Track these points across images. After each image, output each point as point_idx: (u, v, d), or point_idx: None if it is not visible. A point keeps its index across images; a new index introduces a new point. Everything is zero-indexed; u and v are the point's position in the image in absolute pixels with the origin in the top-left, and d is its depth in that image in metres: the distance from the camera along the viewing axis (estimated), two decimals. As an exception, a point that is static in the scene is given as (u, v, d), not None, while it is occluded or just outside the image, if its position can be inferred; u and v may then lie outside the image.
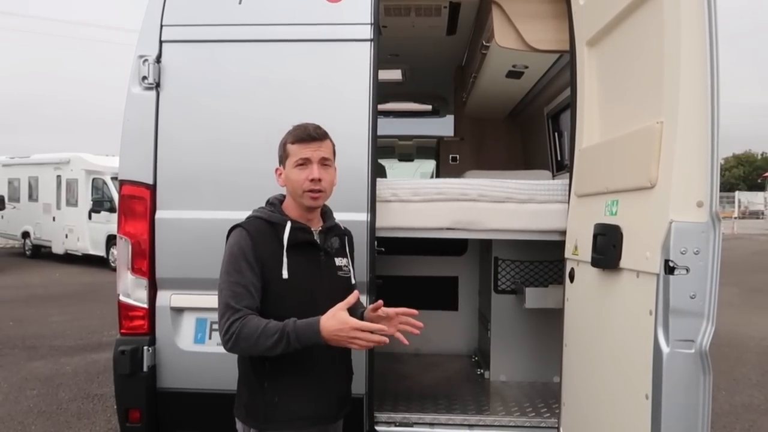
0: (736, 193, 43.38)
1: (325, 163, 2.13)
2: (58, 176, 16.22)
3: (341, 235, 2.31)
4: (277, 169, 2.20)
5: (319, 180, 2.09)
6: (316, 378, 2.12)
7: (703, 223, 1.77)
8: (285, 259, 2.08)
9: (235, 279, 2.02)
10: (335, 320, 1.89)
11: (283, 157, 2.15)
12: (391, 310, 2.10)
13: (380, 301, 2.12)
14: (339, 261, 2.26)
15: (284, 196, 2.25)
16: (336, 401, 2.21)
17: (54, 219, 16.45)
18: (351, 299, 1.97)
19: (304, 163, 2.10)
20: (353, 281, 2.32)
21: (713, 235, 1.77)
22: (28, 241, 17.85)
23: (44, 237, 17.05)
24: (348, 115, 2.77)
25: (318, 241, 2.19)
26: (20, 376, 6.06)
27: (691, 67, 1.77)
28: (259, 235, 2.08)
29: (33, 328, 8.24)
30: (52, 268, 15.02)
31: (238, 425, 2.17)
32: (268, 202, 2.23)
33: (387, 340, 1.93)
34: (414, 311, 2.13)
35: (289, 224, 2.12)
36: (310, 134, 2.11)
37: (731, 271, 12.97)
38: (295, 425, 2.09)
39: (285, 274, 2.07)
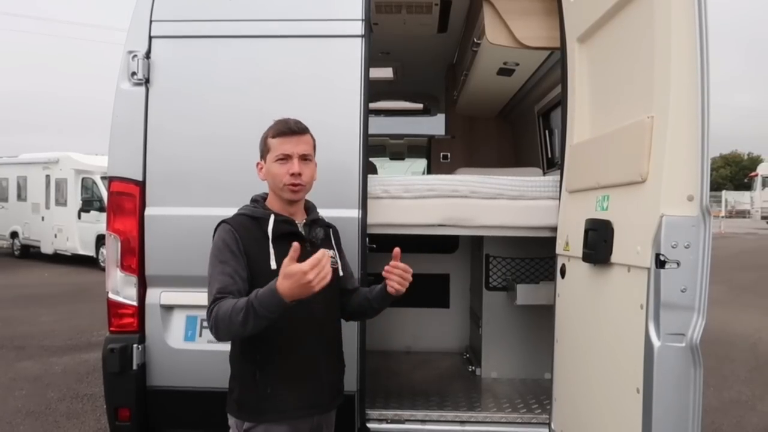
0: (723, 192, 43.65)
1: (305, 158, 2.17)
2: (47, 176, 16.08)
3: (325, 227, 2.35)
4: (258, 164, 2.24)
5: (299, 174, 2.14)
6: (306, 368, 2.14)
7: (694, 217, 1.78)
8: (272, 250, 2.10)
9: (220, 269, 2.05)
10: (286, 275, 1.77)
11: (265, 151, 2.20)
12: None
13: (397, 249, 2.18)
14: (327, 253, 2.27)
15: (267, 194, 2.28)
16: (328, 391, 2.23)
17: (43, 219, 16.30)
18: (292, 252, 1.79)
19: (285, 158, 2.14)
20: (341, 273, 2.35)
21: (704, 229, 1.78)
22: (16, 240, 17.68)
23: (33, 237, 16.90)
24: (339, 111, 2.77)
25: (302, 232, 2.22)
26: (8, 376, 6.01)
27: (682, 62, 1.78)
28: (243, 230, 2.12)
29: (21, 328, 8.16)
30: (41, 268, 14.89)
31: (231, 421, 2.17)
32: (252, 200, 2.28)
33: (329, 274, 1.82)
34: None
35: (272, 217, 2.15)
36: (290, 128, 2.16)
37: (719, 270, 13.05)
38: (288, 415, 2.11)
39: (273, 265, 2.08)
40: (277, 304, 1.81)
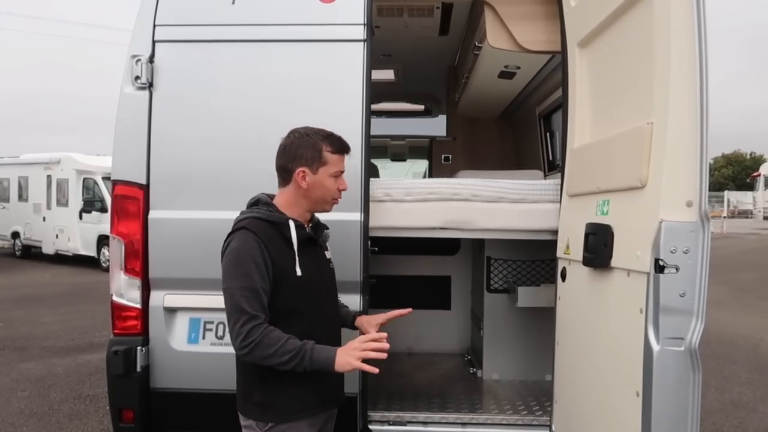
0: (726, 192, 43.57)
1: None
2: (49, 176, 16.12)
3: (323, 228, 2.37)
4: (302, 171, 2.16)
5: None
6: None
7: (693, 223, 1.80)
8: (297, 257, 2.13)
9: (245, 283, 2.02)
10: (345, 352, 2.01)
11: (317, 163, 2.16)
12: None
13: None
14: (328, 254, 2.36)
15: (271, 196, 2.26)
16: (339, 385, 2.34)
17: (44, 219, 16.34)
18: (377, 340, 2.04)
19: (340, 174, 2.21)
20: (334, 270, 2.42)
21: (702, 235, 1.80)
22: (18, 241, 17.72)
23: (34, 237, 16.93)
24: (341, 115, 2.78)
25: (314, 235, 2.25)
26: (11, 377, 6.03)
27: (681, 69, 1.80)
28: (265, 236, 2.10)
29: (24, 329, 8.19)
30: (42, 269, 14.92)
31: (248, 422, 2.17)
32: (261, 202, 2.23)
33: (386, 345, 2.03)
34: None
35: (292, 223, 2.16)
36: (347, 146, 2.23)
37: (721, 270, 13.08)
38: (312, 412, 2.17)
39: (299, 272, 2.13)
40: (325, 368, 2.00)
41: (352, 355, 1.98)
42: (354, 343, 2.02)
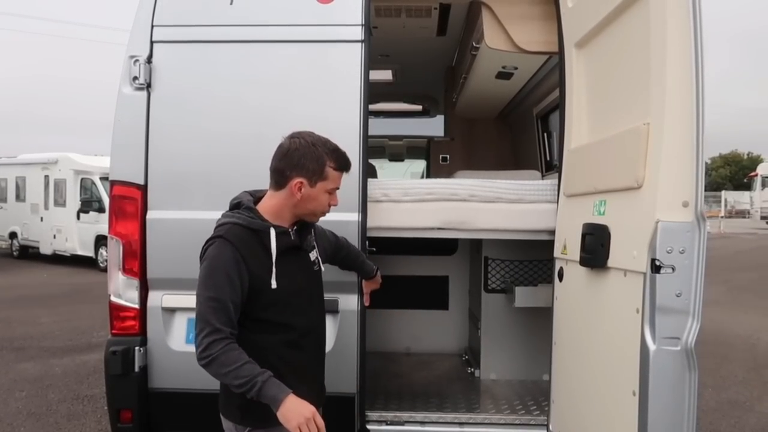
0: (723, 192, 43.73)
1: None
2: (46, 176, 16.08)
3: (310, 228, 2.31)
4: (299, 182, 2.08)
5: None
6: (305, 372, 2.19)
7: (689, 223, 1.81)
8: (274, 269, 2.07)
9: (214, 294, 1.97)
10: (296, 408, 1.92)
11: (317, 176, 2.09)
12: None
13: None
14: (312, 256, 2.30)
15: (255, 198, 2.19)
16: (319, 389, 2.31)
17: (42, 219, 16.31)
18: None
19: (334, 191, 2.16)
20: (322, 269, 2.35)
21: (698, 235, 1.81)
22: (15, 241, 17.69)
23: (32, 237, 16.90)
24: (339, 116, 2.79)
25: (298, 242, 2.20)
26: (9, 377, 6.02)
27: (677, 70, 1.81)
28: (243, 246, 2.03)
29: (21, 329, 8.18)
30: (40, 269, 14.89)
31: (227, 424, 2.18)
32: (242, 206, 2.14)
33: None
34: None
35: (273, 231, 2.09)
36: (350, 164, 2.19)
37: (718, 270, 13.10)
38: None
39: (274, 284, 2.07)
40: (270, 404, 1.93)
41: (297, 418, 1.90)
42: (309, 412, 1.93)
